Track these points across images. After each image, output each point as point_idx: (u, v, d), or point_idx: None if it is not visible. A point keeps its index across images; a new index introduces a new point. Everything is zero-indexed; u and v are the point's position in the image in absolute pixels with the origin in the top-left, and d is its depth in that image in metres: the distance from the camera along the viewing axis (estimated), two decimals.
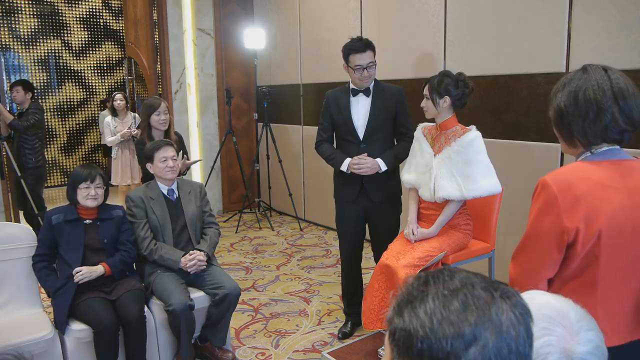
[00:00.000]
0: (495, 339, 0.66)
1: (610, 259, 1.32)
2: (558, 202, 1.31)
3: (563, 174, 1.34)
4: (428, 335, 0.66)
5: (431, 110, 2.59)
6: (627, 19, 2.82)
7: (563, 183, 1.31)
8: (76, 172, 2.59)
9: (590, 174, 1.32)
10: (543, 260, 1.37)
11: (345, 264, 3.10)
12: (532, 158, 3.33)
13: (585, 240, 1.30)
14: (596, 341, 0.86)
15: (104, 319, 2.37)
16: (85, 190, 2.54)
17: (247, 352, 2.93)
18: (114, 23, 8.54)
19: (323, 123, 3.01)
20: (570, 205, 1.30)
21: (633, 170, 1.36)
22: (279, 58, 5.83)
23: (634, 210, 1.31)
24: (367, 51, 2.78)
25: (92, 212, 2.61)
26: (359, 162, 2.82)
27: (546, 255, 1.35)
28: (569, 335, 0.85)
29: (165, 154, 2.74)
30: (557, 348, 0.84)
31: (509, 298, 0.70)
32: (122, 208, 2.75)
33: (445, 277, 0.72)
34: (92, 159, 8.66)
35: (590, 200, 1.29)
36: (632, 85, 1.34)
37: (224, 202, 6.20)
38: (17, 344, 2.26)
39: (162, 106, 3.21)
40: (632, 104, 1.32)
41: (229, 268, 4.27)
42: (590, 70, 1.36)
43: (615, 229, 1.30)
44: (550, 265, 1.37)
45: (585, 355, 0.84)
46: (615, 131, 1.34)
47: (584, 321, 0.87)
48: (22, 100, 4.72)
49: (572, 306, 0.89)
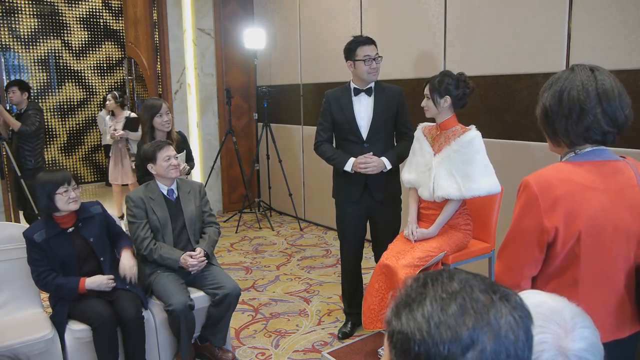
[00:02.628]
0: (494, 343, 0.65)
1: (591, 258, 1.33)
2: (538, 202, 1.33)
3: (544, 174, 1.36)
4: (425, 339, 0.65)
5: (432, 109, 2.59)
6: (627, 19, 2.82)
7: (544, 184, 1.34)
8: (45, 179, 2.41)
9: (571, 175, 1.34)
10: (525, 258, 1.39)
11: (347, 264, 3.10)
12: (532, 158, 3.33)
13: (565, 240, 1.32)
14: (591, 338, 0.87)
15: (102, 313, 2.37)
16: (64, 195, 2.41)
17: (247, 352, 2.93)
18: (114, 23, 8.54)
19: (323, 123, 2.99)
20: (550, 205, 1.32)
21: (616, 171, 1.36)
22: (279, 58, 5.83)
23: (615, 211, 1.32)
24: (373, 44, 2.82)
25: (70, 217, 2.50)
26: (365, 161, 2.81)
27: (527, 254, 1.38)
28: (564, 332, 0.86)
29: (169, 153, 2.74)
30: (551, 345, 0.84)
31: (509, 301, 0.69)
32: (99, 203, 2.67)
33: (444, 279, 0.71)
34: (93, 159, 8.66)
35: (570, 201, 1.31)
36: (619, 87, 1.34)
37: (224, 202, 6.20)
38: (17, 344, 2.27)
39: (164, 107, 3.16)
40: (616, 106, 1.32)
41: (229, 268, 4.27)
42: (577, 70, 1.36)
43: (596, 230, 1.31)
44: (532, 264, 1.39)
45: (580, 352, 0.85)
46: (598, 132, 1.34)
47: (578, 318, 0.88)
48: (19, 100, 4.69)
49: (567, 304, 0.90)
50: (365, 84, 2.88)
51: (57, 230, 2.45)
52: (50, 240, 2.43)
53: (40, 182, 2.41)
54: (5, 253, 2.56)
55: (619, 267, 1.35)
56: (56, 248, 2.43)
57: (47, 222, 2.46)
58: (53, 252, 2.42)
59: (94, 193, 7.98)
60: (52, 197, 2.40)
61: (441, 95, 2.54)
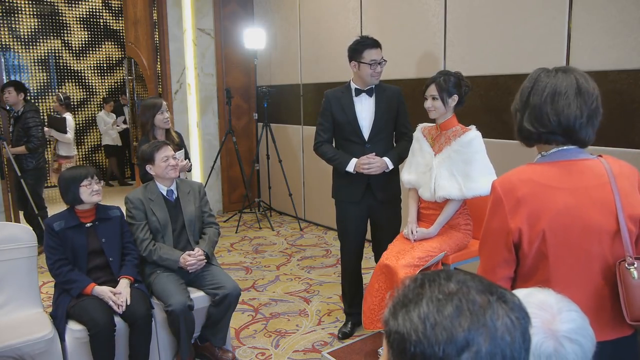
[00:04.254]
0: (489, 344, 0.65)
1: (559, 258, 1.33)
2: (503, 204, 1.36)
3: (509, 176, 1.39)
4: (421, 339, 0.66)
5: (439, 109, 2.57)
6: (627, 19, 2.82)
7: (507, 185, 1.37)
8: (70, 174, 2.56)
9: (533, 175, 1.37)
10: (495, 259, 1.42)
11: (347, 265, 3.09)
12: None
13: (530, 240, 1.34)
14: (579, 321, 0.90)
15: (98, 320, 2.37)
16: (88, 187, 2.53)
17: (247, 352, 2.93)
18: (114, 23, 8.55)
19: (323, 123, 2.97)
20: (512, 206, 1.35)
21: (584, 169, 1.36)
22: (279, 58, 5.83)
23: (581, 210, 1.31)
24: (379, 48, 2.81)
25: (90, 213, 2.61)
26: (369, 161, 2.81)
27: (497, 255, 1.41)
28: (551, 316, 0.89)
29: (167, 154, 2.74)
30: (540, 329, 0.87)
31: (506, 302, 0.69)
32: (119, 208, 2.75)
33: (441, 280, 0.71)
34: (93, 159, 8.66)
35: (531, 202, 1.33)
36: (573, 88, 1.34)
37: (224, 202, 6.20)
38: (17, 344, 2.26)
39: (164, 105, 3.26)
40: (546, 107, 1.35)
41: (229, 268, 4.27)
42: (543, 72, 1.41)
43: (560, 229, 1.31)
44: (503, 264, 1.41)
45: (569, 334, 0.88)
46: (525, 133, 1.42)
47: (563, 303, 0.92)
48: (15, 101, 4.66)
49: (552, 293, 0.95)
50: (367, 85, 2.88)
51: (76, 223, 2.55)
52: (68, 231, 2.52)
53: (66, 177, 2.55)
54: (5, 253, 2.55)
55: (593, 267, 1.33)
56: (71, 239, 2.52)
57: (69, 213, 2.58)
58: (67, 242, 2.51)
59: None
60: (77, 190, 2.52)
61: (450, 94, 2.54)
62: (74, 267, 2.51)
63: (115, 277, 2.58)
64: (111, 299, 2.44)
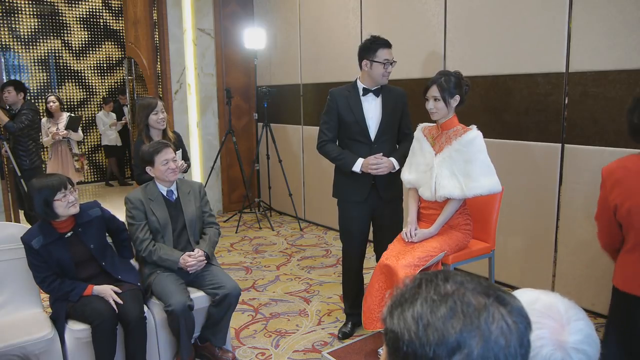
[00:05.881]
0: (482, 347, 0.65)
1: None
2: (605, 184, 1.88)
3: (612, 164, 1.87)
4: (413, 339, 0.66)
5: (442, 110, 2.56)
6: (627, 19, 2.82)
7: (609, 170, 1.86)
8: (41, 185, 2.33)
9: (628, 163, 1.81)
10: (603, 226, 1.96)
11: (350, 266, 3.08)
12: (532, 158, 3.33)
13: (621, 214, 1.81)
14: (587, 330, 0.88)
15: (102, 312, 2.36)
16: (63, 200, 2.34)
17: (247, 352, 2.93)
18: (114, 23, 8.55)
19: (328, 122, 2.92)
20: (610, 186, 1.84)
21: None
22: (279, 58, 5.83)
23: None
24: (390, 48, 2.81)
25: (69, 222, 2.45)
26: (377, 162, 2.80)
27: (604, 223, 1.94)
28: (560, 326, 0.87)
29: (167, 157, 2.71)
30: (549, 340, 0.85)
31: (505, 305, 0.69)
32: (97, 203, 2.62)
33: (438, 280, 0.71)
34: (92, 159, 8.66)
35: (623, 184, 1.79)
36: None
37: (224, 202, 6.20)
38: (17, 343, 2.26)
39: (159, 105, 3.22)
40: None
41: (229, 268, 4.27)
42: None
43: None
44: (607, 232, 1.94)
45: (577, 345, 0.86)
46: None
47: (572, 311, 0.89)
48: (15, 101, 4.67)
49: (560, 299, 0.92)
50: (375, 85, 2.87)
51: (55, 236, 2.40)
52: (48, 247, 2.38)
53: (36, 189, 2.32)
54: (5, 253, 2.55)
55: None
56: (54, 253, 2.40)
57: (44, 227, 2.40)
58: (51, 257, 2.39)
59: (93, 193, 7.98)
60: (51, 204, 2.33)
61: (452, 94, 2.54)
62: (64, 279, 2.42)
63: (114, 278, 2.57)
64: (112, 297, 2.43)
